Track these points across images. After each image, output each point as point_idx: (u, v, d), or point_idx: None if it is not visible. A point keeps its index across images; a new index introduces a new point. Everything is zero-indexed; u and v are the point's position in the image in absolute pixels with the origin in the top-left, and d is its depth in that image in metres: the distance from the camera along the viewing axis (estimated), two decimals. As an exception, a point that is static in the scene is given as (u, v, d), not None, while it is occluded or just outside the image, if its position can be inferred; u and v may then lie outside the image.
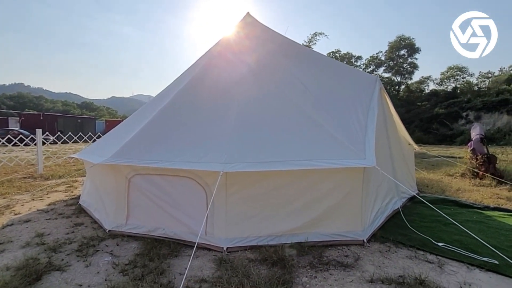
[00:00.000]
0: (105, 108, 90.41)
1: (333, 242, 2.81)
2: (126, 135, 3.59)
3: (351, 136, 3.11)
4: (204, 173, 2.82)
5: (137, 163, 2.95)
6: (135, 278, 2.19)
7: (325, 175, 2.84)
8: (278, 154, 2.85)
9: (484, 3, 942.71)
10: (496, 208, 4.11)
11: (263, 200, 2.83)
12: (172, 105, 3.75)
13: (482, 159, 5.96)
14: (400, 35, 37.20)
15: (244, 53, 4.52)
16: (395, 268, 2.38)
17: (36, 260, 2.46)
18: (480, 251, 2.67)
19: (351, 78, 4.40)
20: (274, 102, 3.61)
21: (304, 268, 2.35)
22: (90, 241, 2.89)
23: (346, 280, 2.19)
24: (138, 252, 2.64)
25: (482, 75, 38.56)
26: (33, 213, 3.87)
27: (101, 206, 3.47)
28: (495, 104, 26.64)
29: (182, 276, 2.23)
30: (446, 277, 2.24)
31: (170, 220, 2.92)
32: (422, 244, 2.85)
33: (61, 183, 5.97)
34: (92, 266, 2.41)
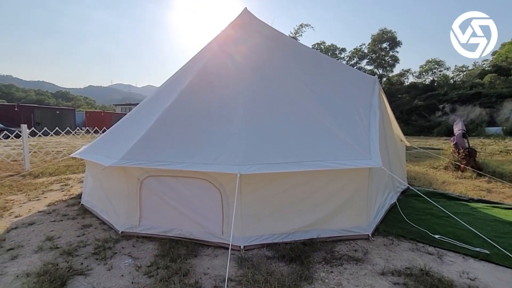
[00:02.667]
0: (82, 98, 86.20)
1: (341, 237, 3.00)
2: (132, 134, 3.56)
3: (356, 137, 3.27)
4: (218, 174, 2.89)
5: (151, 166, 2.96)
6: (161, 279, 2.26)
7: (335, 175, 2.99)
8: (290, 155, 2.96)
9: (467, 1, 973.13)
10: (479, 200, 4.49)
11: (276, 200, 2.95)
12: (178, 103, 3.74)
13: (463, 153, 6.41)
14: (383, 28, 38.01)
15: (245, 51, 4.52)
16: (401, 260, 2.61)
17: (55, 265, 2.46)
18: (472, 242, 2.97)
19: (351, 78, 4.56)
20: (279, 103, 3.69)
21: (320, 264, 2.52)
22: (104, 243, 2.90)
23: (360, 273, 2.38)
24: (157, 253, 2.70)
25: (457, 68, 40.46)
26: (35, 215, 3.78)
27: (110, 207, 3.46)
28: (469, 97, 28.16)
29: (207, 276, 2.34)
30: (446, 267, 2.49)
31: (185, 221, 2.98)
32: (420, 236, 3.11)
33: (53, 181, 5.80)
34: (114, 269, 2.45)
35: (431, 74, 38.46)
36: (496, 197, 4.73)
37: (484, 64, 39.44)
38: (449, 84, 34.36)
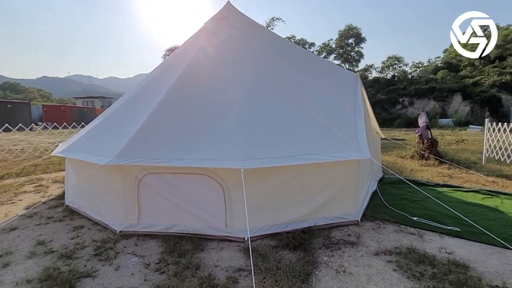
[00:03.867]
0: (35, 90, 78.12)
1: (335, 224, 3.25)
2: (122, 131, 3.46)
3: (344, 130, 3.52)
4: (220, 170, 2.95)
5: (150, 163, 2.92)
6: (174, 275, 2.30)
7: (328, 167, 3.21)
8: (286, 149, 3.11)
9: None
10: (444, 185, 5.07)
11: (275, 192, 3.10)
12: (170, 98, 3.67)
13: (427, 143, 7.12)
14: (349, 25, 39.62)
15: (231, 45, 4.52)
16: (389, 241, 2.92)
17: (57, 270, 2.38)
18: (444, 221, 3.39)
19: (334, 74, 4.81)
20: (271, 97, 3.81)
21: (321, 249, 2.74)
22: (104, 244, 2.83)
23: (357, 255, 2.64)
24: (163, 250, 2.72)
25: (414, 64, 43.64)
26: (14, 220, 3.51)
27: (103, 207, 3.35)
28: (425, 91, 30.73)
29: (218, 268, 2.42)
30: (427, 245, 2.85)
31: (187, 216, 3.01)
32: (402, 219, 3.47)
33: (24, 182, 5.37)
34: (122, 268, 2.43)
35: (392, 69, 41.10)
36: (456, 181, 5.37)
37: (437, 61, 43.12)
38: (408, 79, 37.06)
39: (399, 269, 2.38)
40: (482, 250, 2.76)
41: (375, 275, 2.32)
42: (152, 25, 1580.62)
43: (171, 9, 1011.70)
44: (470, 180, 5.43)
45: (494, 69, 29.39)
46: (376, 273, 2.34)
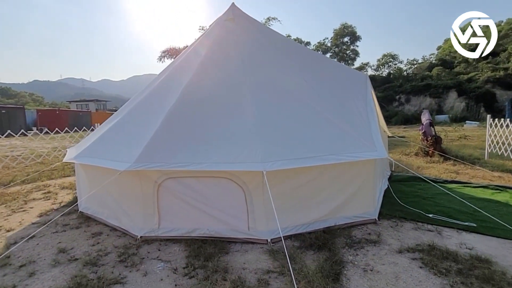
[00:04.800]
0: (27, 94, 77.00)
1: (354, 223, 3.28)
2: (137, 135, 3.45)
3: (359, 130, 3.56)
4: (241, 173, 2.96)
5: (170, 167, 2.92)
6: (203, 279, 2.31)
7: (346, 167, 3.24)
8: (305, 150, 3.13)
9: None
10: (452, 181, 5.14)
11: (295, 193, 3.11)
12: (183, 102, 3.65)
13: (431, 140, 7.20)
14: (344, 23, 39.84)
15: (240, 47, 4.53)
16: (409, 239, 2.96)
17: (85, 277, 2.36)
18: (459, 217, 3.45)
19: (343, 75, 4.85)
20: (284, 99, 3.83)
21: (344, 248, 2.76)
22: (126, 250, 2.82)
23: (381, 253, 2.67)
24: (187, 254, 2.72)
25: (409, 62, 44.02)
26: (30, 228, 3.49)
27: (120, 212, 3.34)
28: (421, 88, 31.01)
29: (246, 270, 2.43)
30: (447, 241, 2.89)
31: (209, 220, 3.01)
32: (417, 216, 3.52)
33: (31, 189, 5.30)
34: (150, 274, 2.43)
35: (387, 67, 41.42)
36: (463, 177, 5.45)
37: (431, 58, 43.58)
38: (403, 76, 37.39)
39: (424, 266, 2.42)
40: (501, 244, 2.81)
41: (402, 272, 2.35)
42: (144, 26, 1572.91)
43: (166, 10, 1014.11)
44: (476, 175, 5.52)
45: (488, 65, 29.81)
46: (403, 270, 2.38)
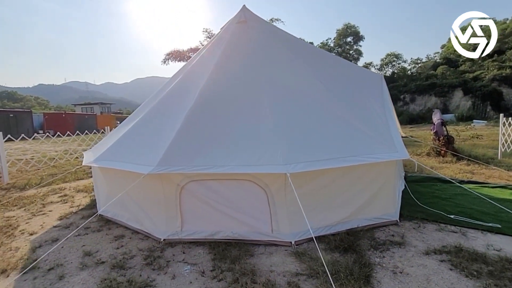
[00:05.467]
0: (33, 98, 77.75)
1: (376, 225, 3.27)
2: (158, 137, 3.47)
3: (378, 131, 3.54)
4: (263, 175, 2.96)
5: (193, 170, 2.93)
6: (232, 281, 2.31)
7: (367, 168, 3.22)
8: (326, 152, 3.12)
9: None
10: (469, 181, 5.09)
11: (317, 195, 3.11)
12: (201, 104, 3.66)
13: (443, 140, 7.15)
14: (347, 23, 39.79)
15: (254, 49, 4.53)
16: (434, 240, 2.93)
17: (114, 280, 2.38)
18: (482, 218, 3.41)
19: (358, 76, 4.84)
20: (301, 100, 3.83)
21: (369, 251, 2.75)
22: (151, 253, 2.84)
23: (407, 255, 2.65)
24: (212, 257, 2.72)
25: (413, 61, 43.82)
26: (52, 231, 3.52)
27: (142, 215, 3.35)
28: (426, 87, 30.83)
29: (274, 273, 2.43)
30: (473, 242, 2.86)
31: (232, 222, 3.02)
32: (439, 218, 3.48)
33: (47, 193, 5.34)
34: (178, 277, 2.44)
35: (391, 66, 41.24)
36: (479, 177, 5.40)
37: (436, 57, 43.31)
38: (407, 75, 37.20)
39: (455, 268, 2.40)
40: (528, 246, 2.77)
41: (433, 274, 2.33)
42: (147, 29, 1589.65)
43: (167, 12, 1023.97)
44: (492, 175, 5.46)
45: (494, 63, 29.54)
46: (433, 273, 2.36)
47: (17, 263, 2.73)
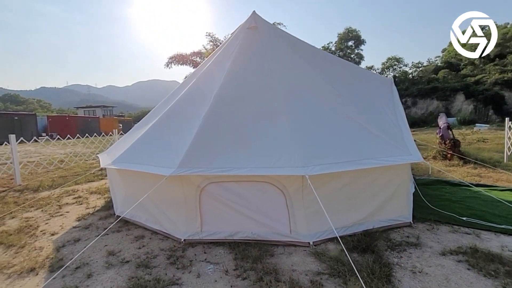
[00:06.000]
0: (35, 101, 78.20)
1: (390, 226, 3.34)
2: (175, 140, 3.56)
3: (391, 135, 3.62)
4: (281, 177, 3.04)
5: (213, 172, 3.01)
6: (257, 280, 2.38)
7: (382, 171, 3.30)
8: (342, 155, 3.20)
9: None
10: (478, 184, 5.16)
11: (333, 197, 3.18)
12: (217, 106, 3.73)
13: (450, 144, 7.22)
14: (348, 27, 40.08)
15: (266, 54, 4.62)
16: (449, 241, 3.00)
17: (142, 279, 2.45)
18: (494, 220, 3.47)
19: (368, 80, 4.93)
20: (313, 104, 3.91)
21: (387, 251, 2.82)
22: (173, 253, 2.91)
23: (424, 256, 2.72)
24: (234, 256, 2.79)
25: (414, 65, 44.00)
26: (72, 231, 3.60)
27: (162, 216, 3.43)
28: (427, 91, 30.95)
29: (296, 272, 2.50)
30: (487, 244, 2.93)
31: (251, 223, 3.09)
32: (452, 220, 3.55)
33: (61, 194, 5.43)
34: (203, 276, 2.51)
35: (392, 70, 41.44)
36: (487, 181, 5.46)
37: (437, 60, 43.50)
38: (409, 79, 37.37)
39: (472, 268, 2.47)
40: (542, 247, 2.84)
41: (451, 274, 2.40)
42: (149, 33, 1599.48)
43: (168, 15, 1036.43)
44: (500, 179, 5.53)
45: (495, 67, 29.68)
46: (451, 272, 2.43)
47: (44, 262, 2.80)
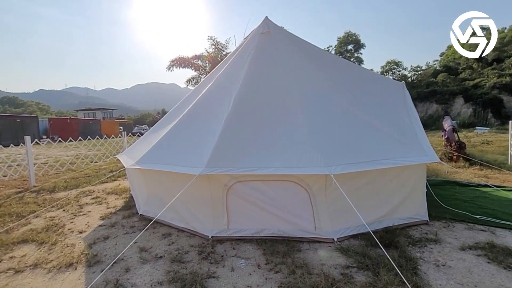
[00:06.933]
0: (34, 103, 78.04)
1: (408, 224, 3.47)
2: (199, 140, 3.69)
3: (406, 136, 3.78)
4: (305, 176, 3.18)
5: (240, 172, 3.14)
6: (290, 273, 2.50)
7: (399, 171, 3.45)
8: (361, 155, 3.35)
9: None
10: (486, 185, 5.32)
11: (354, 195, 3.30)
12: (237, 108, 3.85)
13: (455, 146, 7.40)
14: (348, 31, 40.52)
15: (281, 58, 4.77)
16: (466, 238, 3.14)
17: (178, 272, 2.57)
18: (507, 218, 3.62)
19: (380, 83, 5.09)
20: (330, 106, 4.05)
21: (408, 247, 2.95)
22: (203, 249, 3.03)
23: (445, 251, 2.86)
24: (262, 252, 2.91)
25: (413, 68, 44.47)
26: (100, 229, 3.70)
27: (188, 214, 3.55)
28: (427, 94, 31.32)
29: (326, 266, 2.63)
30: (503, 240, 3.07)
31: (277, 221, 3.22)
32: (466, 218, 3.70)
33: (78, 195, 5.52)
34: (237, 270, 2.62)
35: (391, 74, 41.86)
36: (494, 181, 5.62)
37: (435, 64, 44.02)
38: (408, 83, 37.76)
39: (492, 262, 2.60)
40: (555, 243, 2.98)
41: (473, 267, 2.54)
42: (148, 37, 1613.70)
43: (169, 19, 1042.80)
44: (507, 179, 5.70)
45: (493, 71, 30.13)
46: (473, 265, 2.56)
47: (79, 258, 2.91)
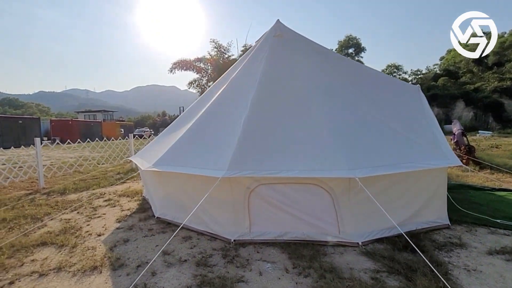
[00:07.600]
0: (34, 105, 77.93)
1: (430, 228, 3.45)
2: (218, 142, 3.67)
3: (426, 140, 3.76)
4: (328, 179, 3.16)
5: (262, 174, 3.11)
6: (320, 277, 2.47)
7: (421, 175, 3.44)
8: (384, 158, 3.34)
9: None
10: (500, 189, 5.31)
11: (377, 199, 3.29)
12: (255, 110, 3.81)
13: (465, 149, 7.40)
14: (348, 35, 40.73)
15: (294, 61, 4.78)
16: (490, 242, 3.12)
17: (205, 276, 2.53)
18: (528, 222, 3.61)
19: (397, 87, 5.09)
20: (348, 109, 4.04)
21: (435, 251, 2.93)
22: (226, 252, 2.99)
23: (472, 255, 2.83)
24: (288, 256, 2.88)
25: (413, 72, 44.75)
26: (118, 232, 3.66)
27: (207, 217, 3.51)
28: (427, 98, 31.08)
29: (354, 270, 2.60)
30: (528, 244, 3.05)
31: (300, 224, 3.19)
32: (487, 221, 3.68)
33: (89, 197, 5.48)
34: (265, 274, 2.59)
35: (392, 77, 42.03)
36: (508, 185, 5.61)
37: (435, 68, 44.28)
38: (409, 86, 37.92)
39: (522, 266, 2.58)
40: None
41: (504, 272, 2.51)
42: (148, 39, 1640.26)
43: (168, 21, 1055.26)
44: (520, 183, 5.69)
45: (494, 75, 30.31)
46: (504, 270, 2.54)
47: (103, 261, 2.87)
